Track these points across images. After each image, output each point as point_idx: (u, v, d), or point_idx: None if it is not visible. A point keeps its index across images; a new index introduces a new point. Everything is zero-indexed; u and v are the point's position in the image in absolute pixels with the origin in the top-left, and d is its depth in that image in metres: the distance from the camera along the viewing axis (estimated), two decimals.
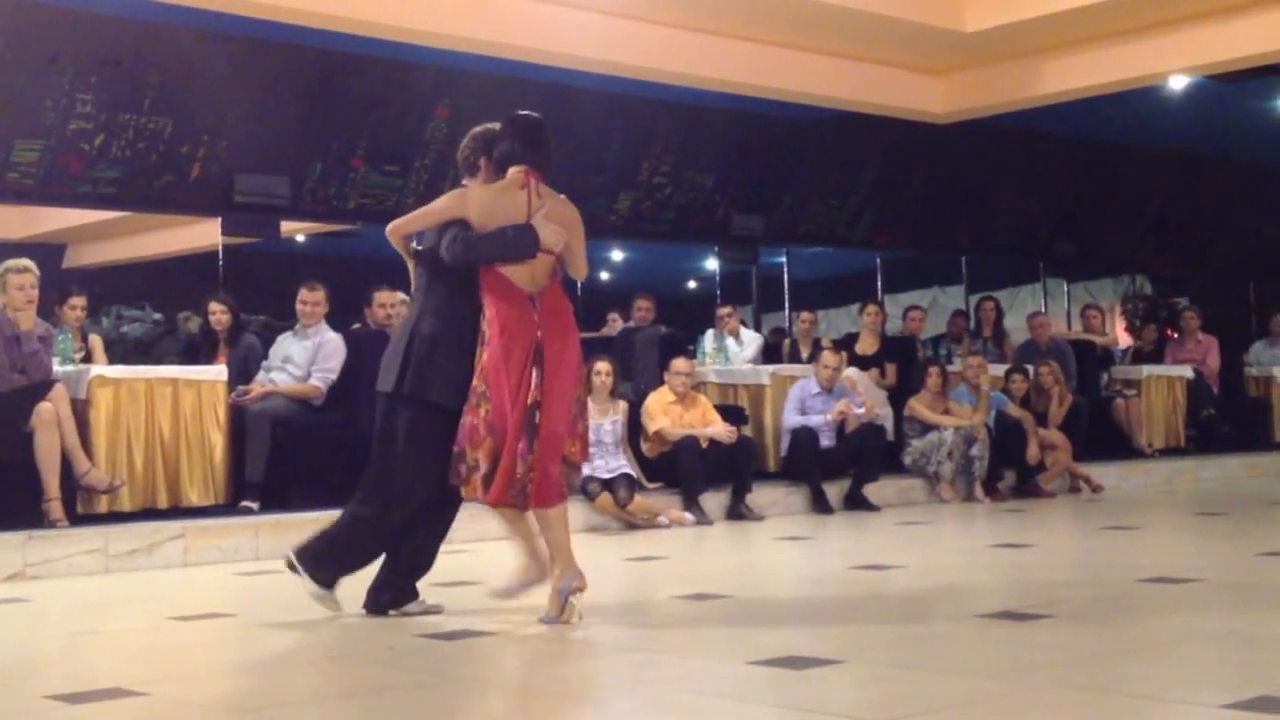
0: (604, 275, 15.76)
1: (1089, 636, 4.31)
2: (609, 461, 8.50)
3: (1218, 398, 12.88)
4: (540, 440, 4.62)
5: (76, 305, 8.49)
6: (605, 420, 8.63)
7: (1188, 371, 12.56)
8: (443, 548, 5.12)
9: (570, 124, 11.50)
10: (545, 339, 4.67)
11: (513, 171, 4.83)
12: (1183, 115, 13.25)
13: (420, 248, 4.96)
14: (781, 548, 7.40)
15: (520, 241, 4.69)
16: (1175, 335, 13.93)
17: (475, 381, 4.69)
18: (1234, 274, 17.15)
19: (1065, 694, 3.47)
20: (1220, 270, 16.97)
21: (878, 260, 14.70)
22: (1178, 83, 11.70)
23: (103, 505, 7.26)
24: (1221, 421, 12.71)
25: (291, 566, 4.98)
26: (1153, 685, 3.53)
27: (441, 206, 4.84)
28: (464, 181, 5.07)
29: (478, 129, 5.08)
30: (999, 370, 10.78)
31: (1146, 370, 12.31)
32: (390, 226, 4.96)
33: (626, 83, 10.57)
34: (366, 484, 4.99)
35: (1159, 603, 4.96)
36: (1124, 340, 14.56)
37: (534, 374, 4.63)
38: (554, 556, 4.74)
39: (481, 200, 4.77)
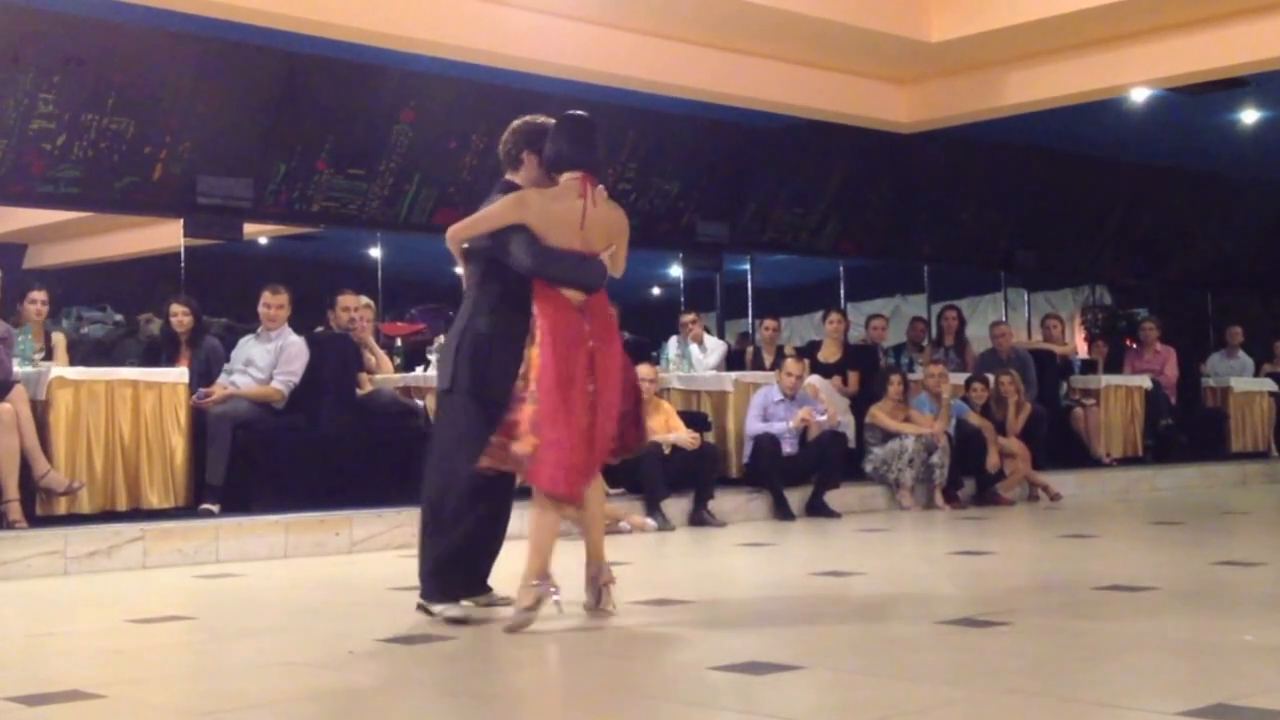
0: None
1: (1046, 643, 4.34)
2: None
3: (1175, 408, 13.00)
4: (596, 439, 4.73)
5: (38, 300, 8.41)
6: None
7: (1146, 382, 12.67)
8: (406, 551, 5.11)
9: None
10: (595, 347, 4.77)
11: (567, 178, 4.88)
12: (1144, 127, 13.38)
13: (467, 246, 4.96)
14: (743, 554, 7.42)
15: (590, 274, 4.85)
16: (1134, 345, 14.06)
17: (523, 381, 4.72)
18: (1193, 285, 17.32)
19: (1023, 700, 3.50)
20: (1179, 281, 17.13)
21: (841, 268, 14.76)
22: (1139, 95, 11.81)
23: (62, 507, 7.21)
24: (1179, 431, 12.83)
25: (424, 610, 4.93)
26: (1109, 692, 3.57)
27: (498, 212, 4.84)
28: (506, 175, 5.07)
29: (518, 122, 5.11)
30: (960, 379, 10.84)
31: (1105, 380, 12.42)
32: (450, 231, 4.93)
33: (592, 89, 10.57)
34: (426, 480, 4.99)
35: (1115, 610, 5.00)
36: (1083, 350, 14.68)
37: (590, 382, 4.73)
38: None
39: (540, 208, 4.80)
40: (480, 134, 11.17)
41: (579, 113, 5.05)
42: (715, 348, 11.03)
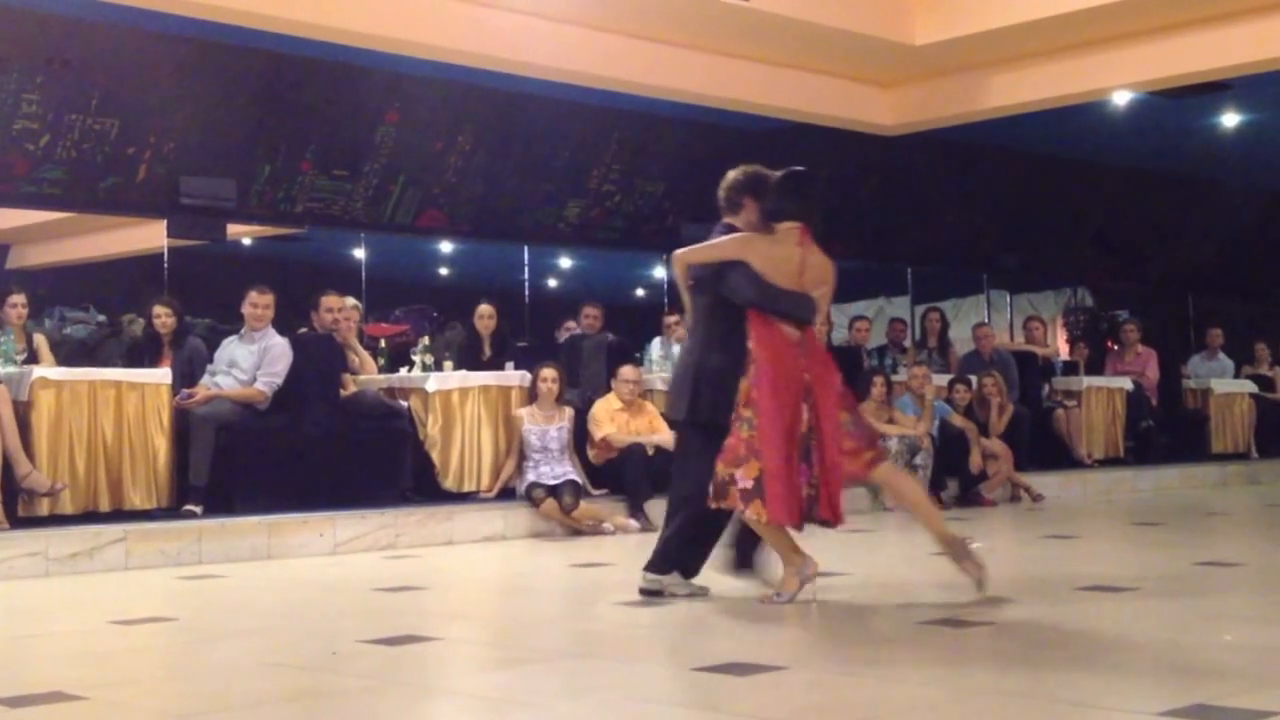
0: (552, 282, 15.76)
1: (1028, 644, 4.36)
2: (554, 468, 8.52)
3: (1156, 410, 13.04)
4: (823, 467, 5.15)
5: (16, 303, 8.38)
6: (551, 427, 8.65)
7: (1127, 383, 12.72)
8: (390, 553, 5.11)
9: (520, 131, 11.51)
10: (812, 379, 5.17)
11: (787, 228, 5.25)
12: (1126, 130, 13.42)
13: (692, 283, 5.37)
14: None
15: (805, 309, 5.25)
16: (1115, 347, 14.10)
17: (740, 408, 5.11)
18: (1174, 288, 17.38)
19: (1004, 701, 3.52)
20: (1160, 284, 17.19)
21: None
22: (1121, 98, 11.86)
23: (44, 508, 7.19)
24: (1159, 433, 12.87)
25: (655, 583, 5.37)
26: (1090, 693, 3.58)
27: (730, 249, 5.24)
28: (725, 219, 5.40)
29: (738, 173, 5.43)
30: (943, 380, 10.87)
31: (1086, 382, 12.45)
32: (676, 255, 5.37)
33: (577, 90, 10.59)
34: (678, 499, 5.47)
35: (1097, 610, 5.03)
36: (1065, 352, 14.73)
37: (804, 409, 5.12)
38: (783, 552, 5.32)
39: (763, 252, 5.20)
40: (465, 135, 11.18)
41: (801, 169, 5.37)
42: None
